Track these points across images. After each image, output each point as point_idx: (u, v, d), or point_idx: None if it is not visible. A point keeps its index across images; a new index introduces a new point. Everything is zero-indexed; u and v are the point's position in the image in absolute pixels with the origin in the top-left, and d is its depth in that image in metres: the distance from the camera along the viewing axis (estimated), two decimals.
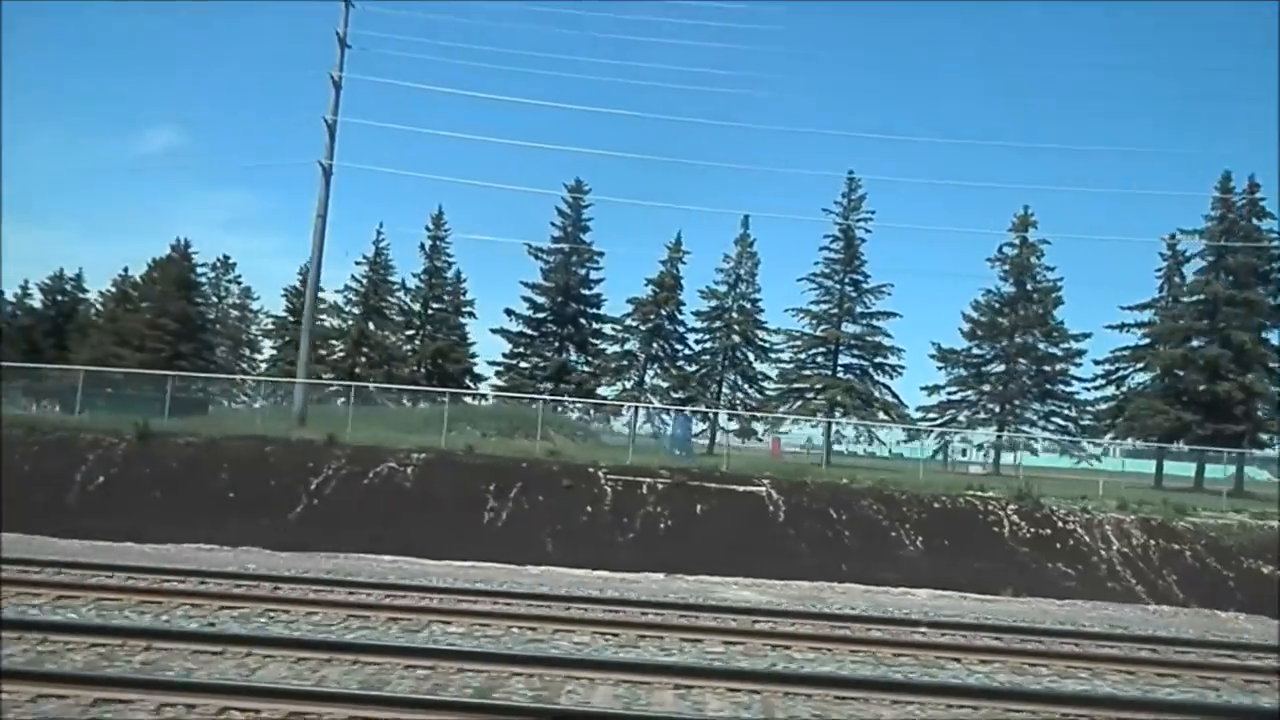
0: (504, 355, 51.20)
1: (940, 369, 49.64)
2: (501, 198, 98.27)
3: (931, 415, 49.46)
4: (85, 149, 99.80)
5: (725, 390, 51.10)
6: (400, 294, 55.81)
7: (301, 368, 30.49)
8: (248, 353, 66.97)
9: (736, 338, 50.83)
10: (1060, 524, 20.63)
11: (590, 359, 51.45)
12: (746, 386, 51.58)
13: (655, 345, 50.63)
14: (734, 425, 43.13)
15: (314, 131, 29.68)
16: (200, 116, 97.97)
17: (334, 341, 55.10)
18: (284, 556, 16.41)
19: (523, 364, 50.68)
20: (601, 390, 49.71)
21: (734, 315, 50.85)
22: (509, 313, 50.66)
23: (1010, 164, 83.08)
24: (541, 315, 51.22)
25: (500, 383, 49.97)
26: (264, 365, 61.30)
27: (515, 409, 34.30)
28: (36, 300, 64.83)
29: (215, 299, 66.79)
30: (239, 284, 67.83)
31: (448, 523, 19.15)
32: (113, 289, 64.06)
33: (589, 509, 20.40)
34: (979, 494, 21.89)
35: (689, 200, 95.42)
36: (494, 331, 50.96)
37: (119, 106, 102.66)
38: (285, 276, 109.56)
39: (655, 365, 50.88)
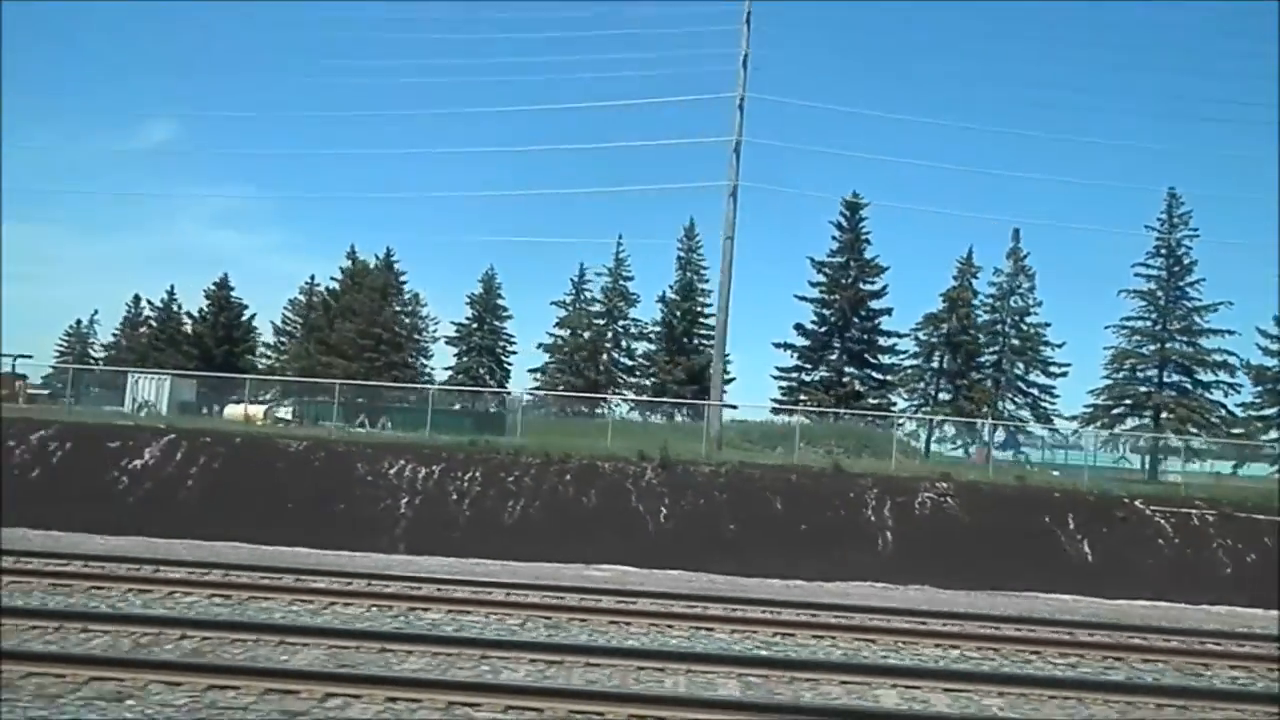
0: (779, 369, 51.06)
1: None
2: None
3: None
4: (80, 143, 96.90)
5: (1006, 405, 49.92)
6: (657, 305, 55.92)
7: (716, 390, 31.46)
8: (425, 361, 65.17)
9: (1014, 353, 49.85)
10: None
11: (877, 372, 51.07)
12: (1020, 399, 50.34)
13: (943, 358, 50.04)
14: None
15: (313, 127, 25.88)
16: (197, 110, 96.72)
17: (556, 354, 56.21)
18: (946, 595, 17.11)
19: (805, 377, 50.46)
20: (873, 403, 48.86)
21: (1008, 329, 50.07)
22: (798, 328, 50.55)
23: None
24: (822, 328, 50.86)
25: (780, 396, 49.88)
26: (446, 374, 60.37)
27: (846, 426, 33.99)
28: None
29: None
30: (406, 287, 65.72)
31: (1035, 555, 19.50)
32: (301, 296, 65.51)
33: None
34: None
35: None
36: (777, 345, 50.94)
37: (116, 100, 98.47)
38: (284, 275, 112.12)
39: (943, 378, 50.42)
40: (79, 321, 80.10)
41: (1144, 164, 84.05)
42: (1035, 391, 49.79)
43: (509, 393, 50.82)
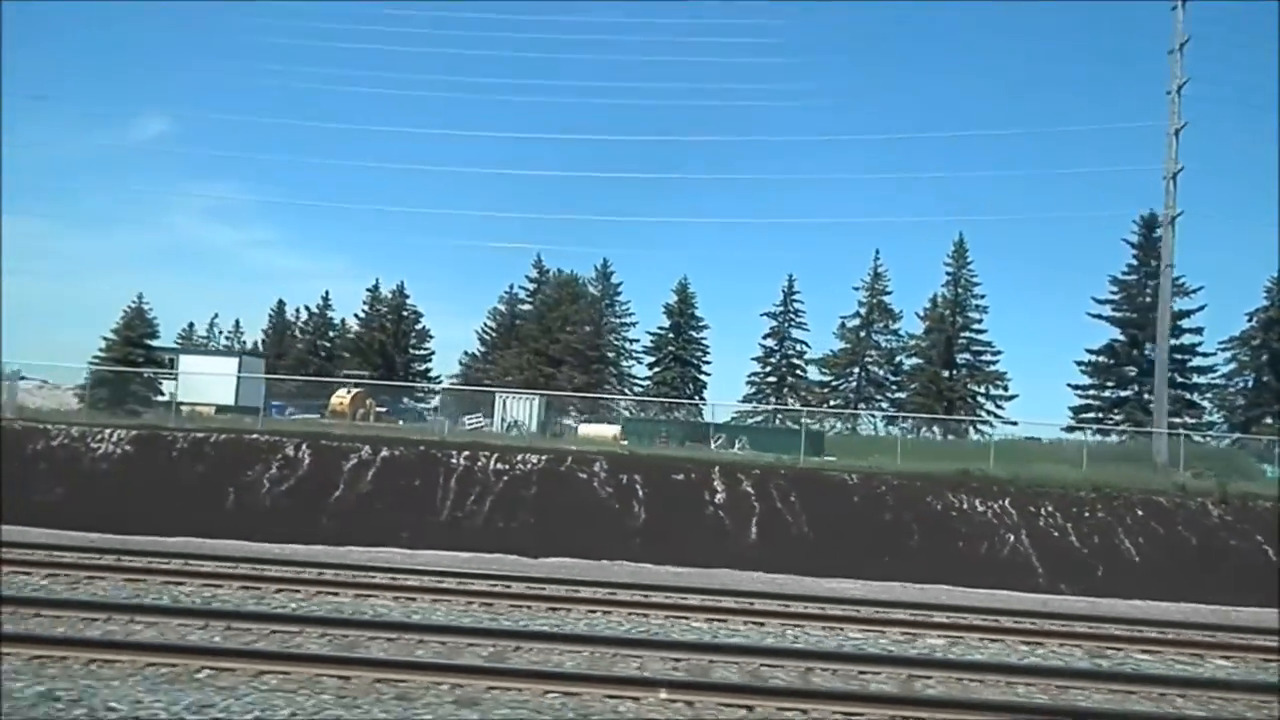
0: (1075, 386, 50.86)
1: None
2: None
3: None
4: (75, 138, 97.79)
5: None
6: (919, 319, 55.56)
7: (1160, 414, 29.57)
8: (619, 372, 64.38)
9: None
10: None
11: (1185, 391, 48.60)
12: None
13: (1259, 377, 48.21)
14: None
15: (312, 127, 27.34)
16: (192, 105, 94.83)
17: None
18: None
19: (1104, 393, 50.35)
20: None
21: None
22: (1105, 349, 50.29)
23: None
24: (1130, 348, 49.94)
25: (1070, 413, 49.60)
26: (644, 385, 60.11)
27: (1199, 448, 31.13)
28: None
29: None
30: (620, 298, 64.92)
31: None
32: (501, 306, 65.92)
33: None
34: None
35: None
36: (1080, 364, 50.95)
37: (111, 94, 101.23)
38: (282, 273, 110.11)
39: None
40: (212, 325, 79.91)
41: None
42: None
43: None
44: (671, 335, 59.86)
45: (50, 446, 20.73)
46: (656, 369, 59.66)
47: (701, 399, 56.44)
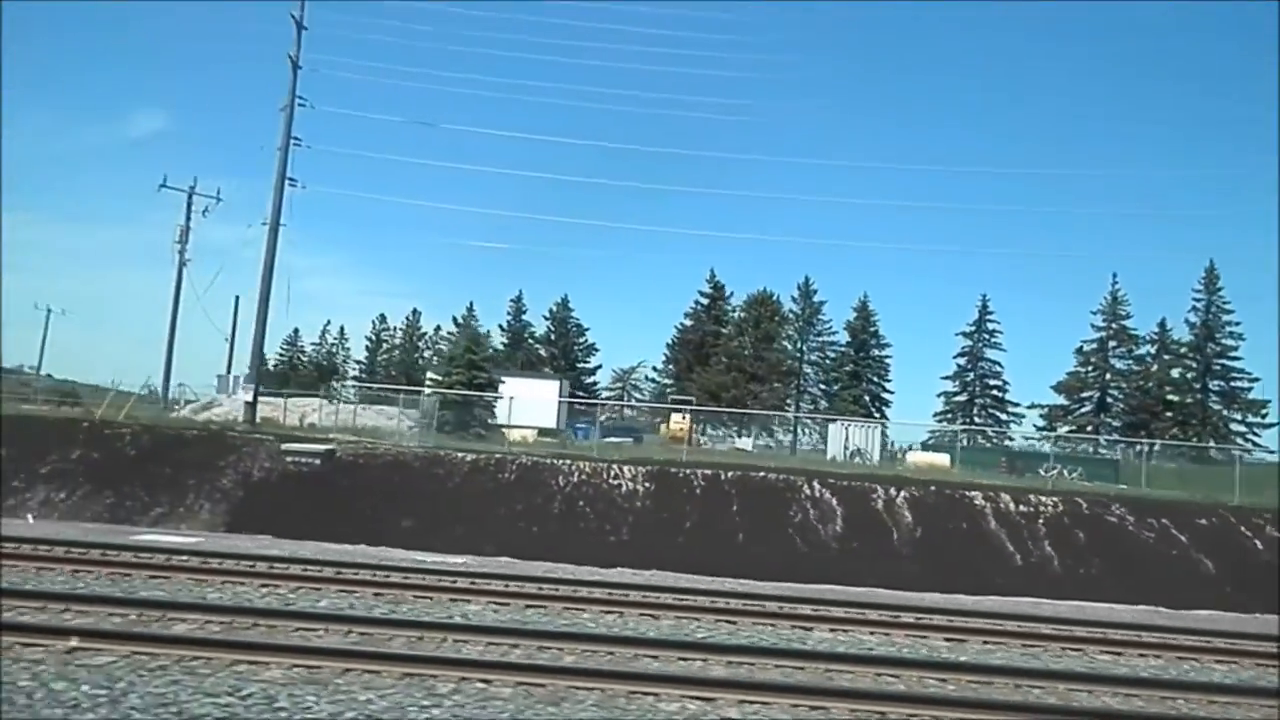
0: None
1: None
2: None
3: None
4: (69, 133, 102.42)
5: None
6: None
7: None
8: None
9: None
10: None
11: None
12: None
13: None
14: None
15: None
16: (187, 101, 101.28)
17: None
18: None
19: None
20: None
21: None
22: None
23: None
24: None
25: None
26: (823, 404, 61.11)
27: None
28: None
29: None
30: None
31: None
32: (687, 320, 66.99)
33: None
34: None
35: None
36: None
37: (106, 90, 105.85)
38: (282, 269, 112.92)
39: None
40: (326, 334, 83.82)
41: None
42: None
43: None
44: (852, 352, 60.47)
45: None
46: (838, 386, 61.15)
47: (885, 417, 56.72)
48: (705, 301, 67.21)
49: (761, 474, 24.73)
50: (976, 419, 57.78)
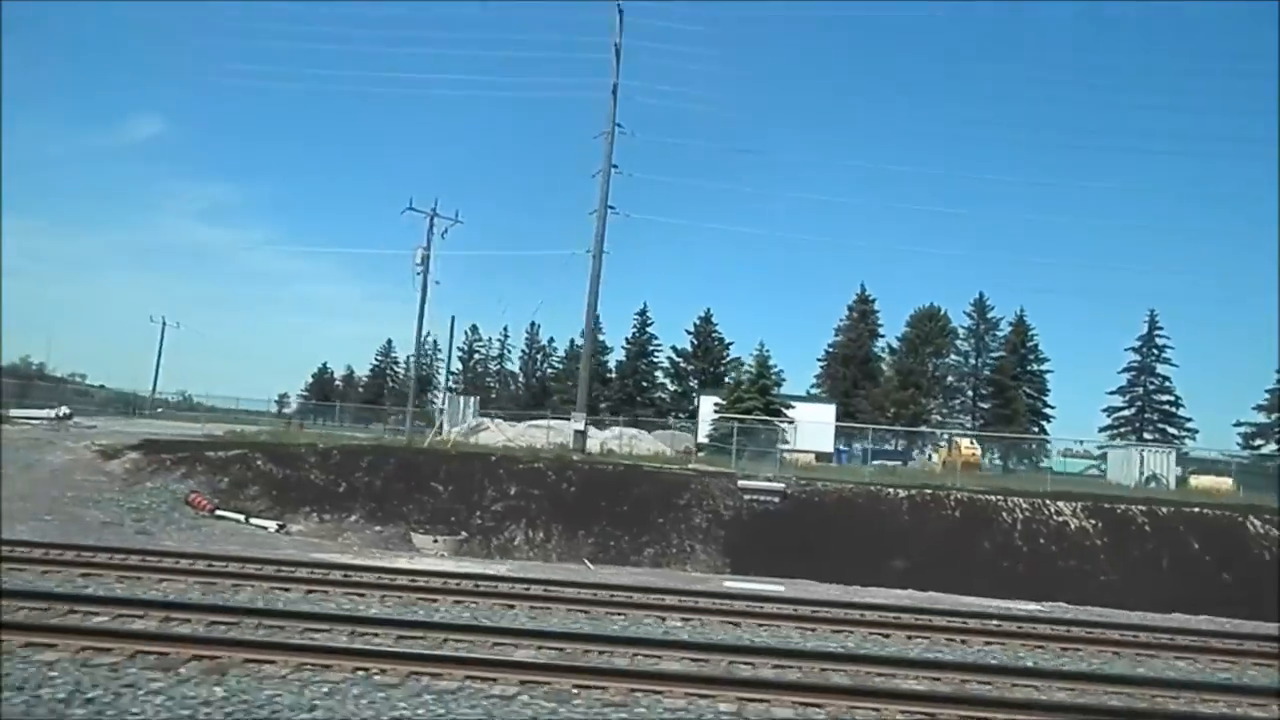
0: None
1: None
2: None
3: None
4: (68, 138, 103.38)
5: None
6: None
7: None
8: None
9: None
10: None
11: None
12: None
13: None
14: None
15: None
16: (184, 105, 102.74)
17: None
18: None
19: None
20: None
21: None
22: None
23: None
24: None
25: None
26: (979, 421, 61.62)
27: None
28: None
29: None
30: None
31: None
32: (840, 338, 67.27)
33: None
34: None
35: None
36: None
37: (104, 95, 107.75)
38: (281, 271, 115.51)
39: None
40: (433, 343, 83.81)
41: None
42: None
43: None
44: (1011, 366, 61.38)
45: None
46: (994, 402, 61.56)
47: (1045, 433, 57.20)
48: (856, 315, 67.83)
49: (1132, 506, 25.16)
50: (1145, 435, 58.54)
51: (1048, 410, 62.47)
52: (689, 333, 70.48)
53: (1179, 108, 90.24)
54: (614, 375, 75.32)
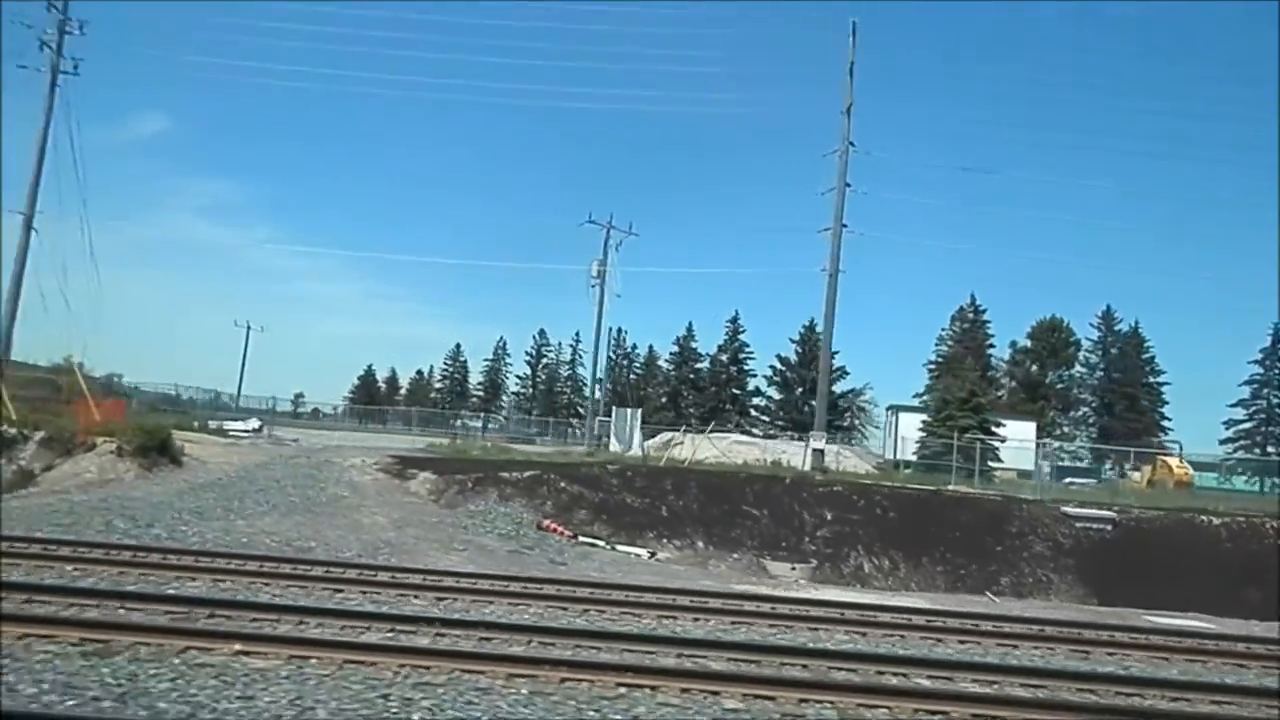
0: None
1: None
2: None
3: None
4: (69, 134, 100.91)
5: None
6: None
7: None
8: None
9: None
10: None
11: None
12: None
13: None
14: None
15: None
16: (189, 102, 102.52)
17: None
18: None
19: None
20: None
21: None
22: None
23: None
24: None
25: None
26: (1092, 433, 61.36)
27: None
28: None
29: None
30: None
31: None
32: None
33: None
34: None
35: None
36: None
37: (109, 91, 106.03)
38: (282, 272, 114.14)
39: None
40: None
41: None
42: None
43: None
44: (1120, 377, 61.19)
45: None
46: (1128, 415, 61.56)
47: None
48: (966, 325, 67.52)
49: None
50: (1270, 449, 58.83)
51: (1166, 424, 62.67)
52: (793, 341, 70.23)
53: None
54: (708, 384, 74.96)
